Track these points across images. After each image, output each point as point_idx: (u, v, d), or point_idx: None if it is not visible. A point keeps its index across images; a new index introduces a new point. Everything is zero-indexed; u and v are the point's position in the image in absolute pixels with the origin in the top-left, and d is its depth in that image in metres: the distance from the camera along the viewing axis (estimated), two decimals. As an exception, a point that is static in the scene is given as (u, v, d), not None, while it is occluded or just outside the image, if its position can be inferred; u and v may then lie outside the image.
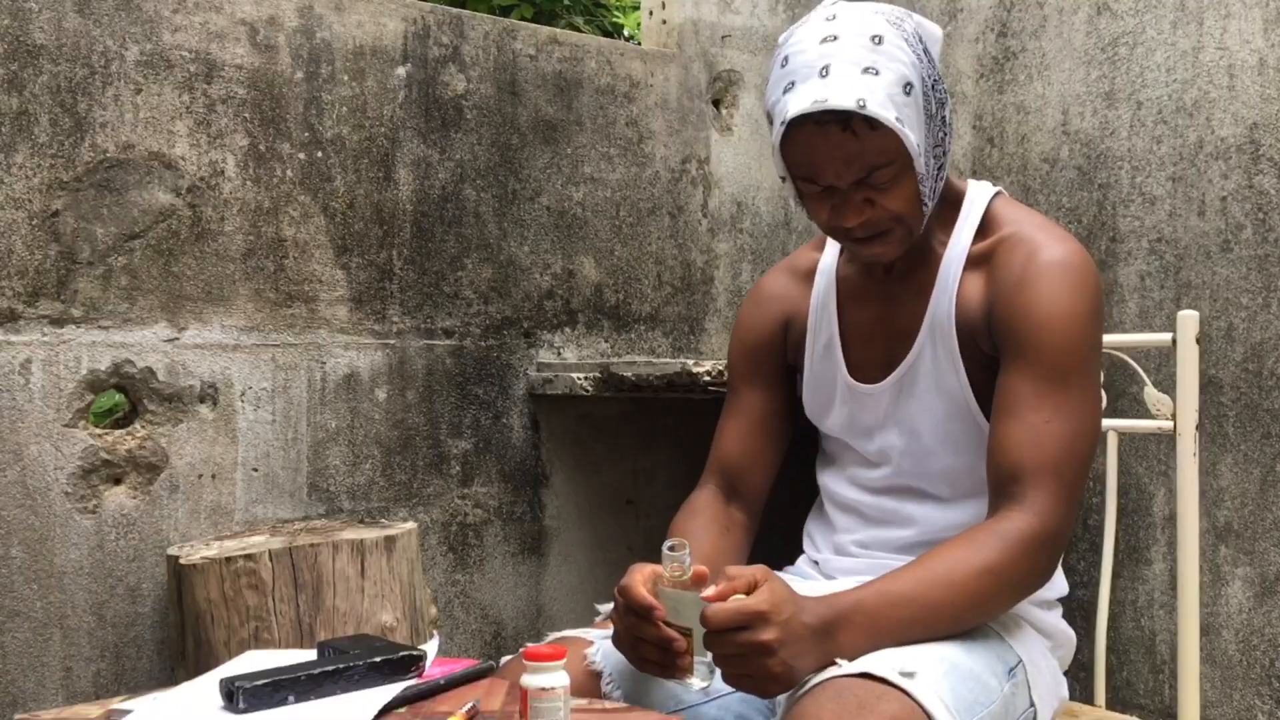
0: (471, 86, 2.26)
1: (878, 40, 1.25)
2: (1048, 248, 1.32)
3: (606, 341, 2.44)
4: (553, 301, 2.37)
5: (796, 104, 1.23)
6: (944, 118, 1.32)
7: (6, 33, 1.81)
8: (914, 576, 1.20)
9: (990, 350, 1.34)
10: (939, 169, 1.33)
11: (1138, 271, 2.05)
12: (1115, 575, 2.03)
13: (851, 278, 1.49)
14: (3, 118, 1.80)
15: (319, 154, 2.09)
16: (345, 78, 2.11)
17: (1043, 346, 1.28)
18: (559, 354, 2.37)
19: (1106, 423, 1.70)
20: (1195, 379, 1.59)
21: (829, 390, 1.49)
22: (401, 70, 2.17)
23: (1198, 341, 1.60)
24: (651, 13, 2.65)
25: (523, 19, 5.67)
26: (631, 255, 2.48)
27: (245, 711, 1.09)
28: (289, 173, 2.06)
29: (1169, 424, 1.62)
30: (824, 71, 1.23)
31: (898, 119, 1.23)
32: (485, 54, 2.28)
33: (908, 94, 1.25)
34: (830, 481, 1.52)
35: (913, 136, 1.25)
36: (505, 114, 2.30)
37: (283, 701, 1.11)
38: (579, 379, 2.17)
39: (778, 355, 1.55)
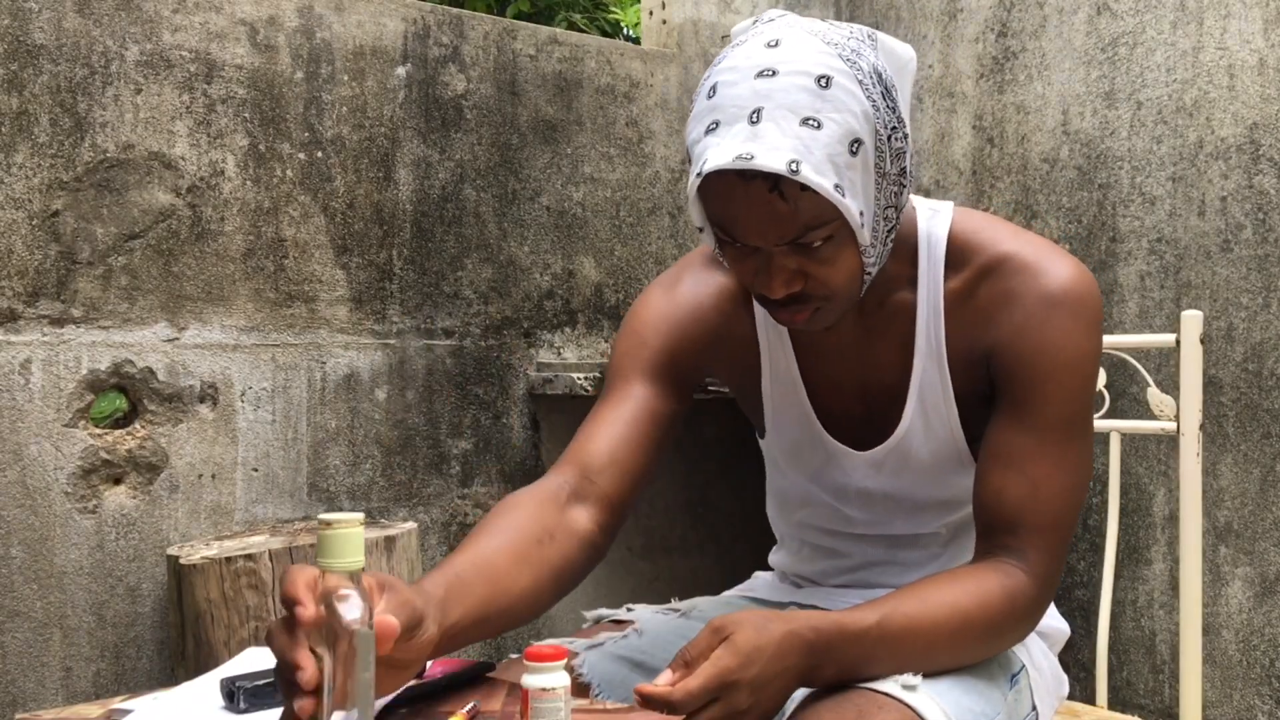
0: (471, 86, 2.26)
1: (824, 82, 1.04)
2: (1052, 277, 1.16)
3: (606, 341, 2.44)
4: (553, 301, 2.37)
5: (717, 156, 1.04)
6: (904, 169, 1.11)
7: (6, 33, 1.81)
8: (918, 622, 1.11)
9: (986, 390, 1.21)
10: (890, 230, 1.13)
11: (1138, 271, 2.05)
12: (1116, 575, 2.03)
13: None
14: (3, 118, 1.80)
15: (319, 154, 2.09)
16: (345, 78, 2.11)
17: (1051, 396, 1.15)
18: (559, 354, 2.37)
19: (1108, 423, 1.70)
20: (1199, 379, 1.59)
21: (799, 444, 1.33)
22: (401, 70, 2.17)
23: (1201, 342, 1.59)
24: (651, 13, 2.65)
25: (520, 12, 5.66)
26: (631, 255, 2.48)
27: (246, 711, 1.09)
28: (289, 173, 2.05)
29: (1172, 425, 1.61)
30: (755, 116, 1.04)
31: (837, 186, 1.04)
32: (485, 54, 2.28)
33: (854, 153, 1.05)
34: (803, 525, 1.39)
35: (855, 206, 1.05)
36: (505, 114, 2.30)
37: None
38: (579, 379, 2.17)
39: (685, 370, 1.32)
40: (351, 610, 0.85)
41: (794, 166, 1.01)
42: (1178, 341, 1.60)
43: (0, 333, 1.80)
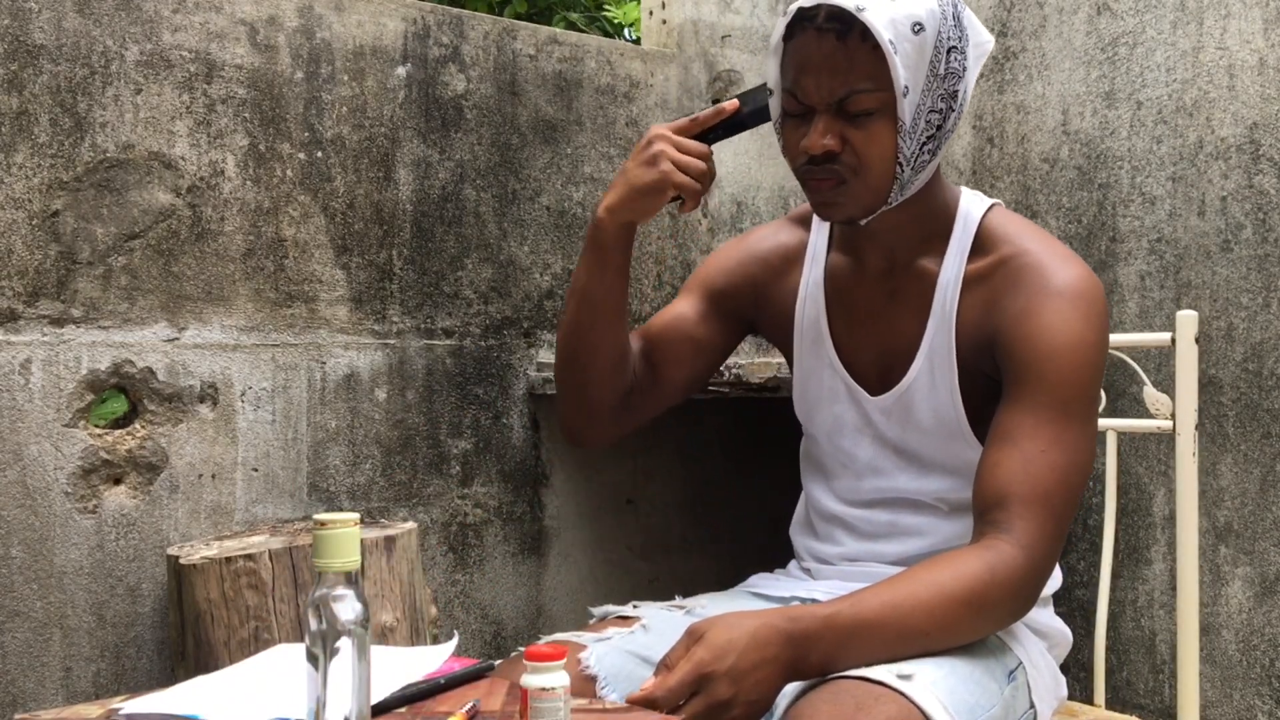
0: (471, 86, 2.26)
1: None
2: (1057, 272, 1.26)
3: (606, 341, 2.44)
4: (553, 301, 2.37)
5: (803, 1, 1.21)
6: (954, 92, 1.25)
7: (6, 33, 1.81)
8: (893, 599, 1.15)
9: (992, 373, 1.29)
10: (927, 141, 1.26)
11: (1138, 271, 2.05)
12: (1115, 575, 2.03)
13: (843, 277, 1.43)
14: (3, 118, 1.81)
15: (319, 154, 2.09)
16: (345, 78, 2.11)
17: (1047, 377, 1.22)
18: (559, 354, 2.37)
19: (1105, 422, 1.70)
20: (1194, 379, 1.59)
21: (818, 389, 1.44)
22: (401, 70, 2.18)
23: (1196, 341, 1.60)
24: (651, 13, 2.65)
25: (517, 15, 5.66)
26: (631, 255, 2.48)
27: None
28: (289, 173, 2.06)
29: (1168, 424, 1.62)
30: None
31: (892, 42, 1.18)
32: (485, 54, 2.28)
33: (915, 33, 1.20)
34: (816, 490, 1.47)
35: (902, 74, 1.20)
36: (505, 114, 2.30)
37: None
38: (579, 379, 2.17)
39: (732, 303, 1.52)
40: (347, 610, 0.85)
41: (860, 8, 1.17)
42: (1173, 341, 1.60)
43: (0, 333, 1.80)
